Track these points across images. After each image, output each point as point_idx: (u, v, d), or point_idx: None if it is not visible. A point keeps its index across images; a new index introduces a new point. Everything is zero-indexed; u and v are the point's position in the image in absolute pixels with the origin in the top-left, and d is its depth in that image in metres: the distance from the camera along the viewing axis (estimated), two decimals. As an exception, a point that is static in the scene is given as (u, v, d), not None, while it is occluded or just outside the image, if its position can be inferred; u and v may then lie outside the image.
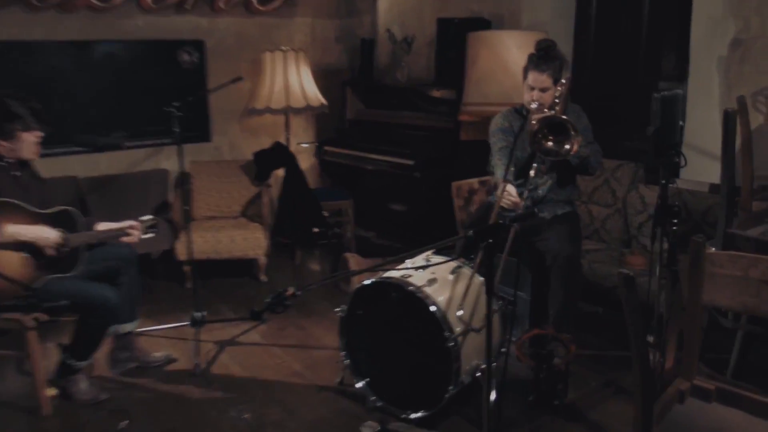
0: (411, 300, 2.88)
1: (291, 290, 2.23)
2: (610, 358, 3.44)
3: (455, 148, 4.56)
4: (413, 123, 4.95)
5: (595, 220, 4.14)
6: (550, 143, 2.98)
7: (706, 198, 3.65)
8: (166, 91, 4.87)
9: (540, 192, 3.39)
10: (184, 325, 3.77)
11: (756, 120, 3.53)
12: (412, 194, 4.94)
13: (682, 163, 2.49)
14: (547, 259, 3.28)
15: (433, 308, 2.81)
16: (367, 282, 3.00)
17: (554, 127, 2.98)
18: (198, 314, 3.59)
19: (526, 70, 3.23)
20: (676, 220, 2.49)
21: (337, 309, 3.11)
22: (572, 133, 2.92)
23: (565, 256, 3.21)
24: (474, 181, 4.13)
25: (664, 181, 2.50)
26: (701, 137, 3.80)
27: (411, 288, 2.88)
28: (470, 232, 2.15)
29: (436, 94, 4.72)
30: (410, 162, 4.61)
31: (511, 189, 3.15)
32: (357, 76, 5.61)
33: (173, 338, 3.81)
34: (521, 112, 3.42)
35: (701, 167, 3.74)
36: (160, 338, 3.82)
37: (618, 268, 3.60)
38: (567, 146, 2.95)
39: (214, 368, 3.48)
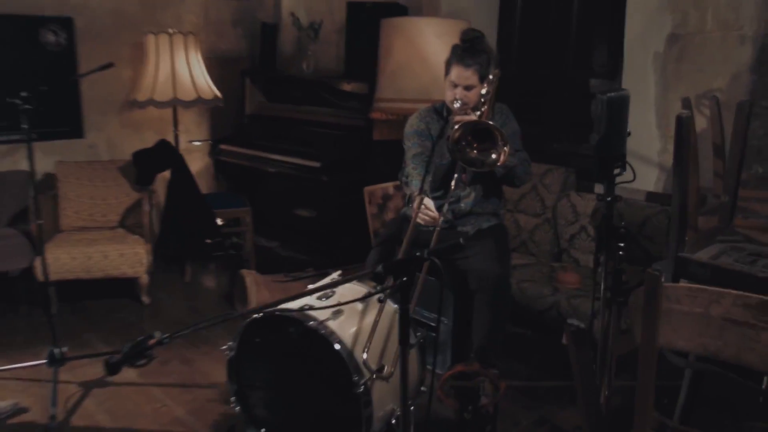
0: (312, 337, 2.50)
1: (156, 337, 1.82)
2: (542, 390, 3.18)
3: (367, 149, 4.38)
4: (321, 119, 4.76)
5: (522, 231, 3.91)
6: (474, 152, 2.73)
7: (643, 208, 3.46)
8: (27, 78, 4.29)
9: (462, 206, 3.09)
10: (39, 364, 3.23)
11: (697, 124, 3.37)
12: (320, 200, 4.70)
13: (631, 177, 2.21)
14: (471, 281, 2.98)
15: (338, 346, 2.45)
16: (258, 316, 2.59)
17: (479, 134, 2.72)
18: (57, 350, 3.07)
19: (448, 64, 2.95)
20: (622, 244, 2.20)
21: (224, 347, 2.68)
22: (500, 141, 2.67)
23: (492, 277, 2.92)
24: (388, 186, 3.94)
25: (609, 199, 2.21)
26: (635, 140, 3.61)
27: (312, 323, 2.49)
28: (379, 268, 1.82)
29: (346, 87, 4.52)
30: (317, 164, 4.37)
31: (428, 203, 2.84)
32: (257, 66, 5.36)
33: (26, 380, 3.27)
34: (441, 112, 3.14)
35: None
36: (9, 381, 3.26)
37: (550, 287, 3.34)
38: (493, 156, 2.70)
39: (74, 419, 2.97)
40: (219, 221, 4.52)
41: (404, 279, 1.83)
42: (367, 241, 3.82)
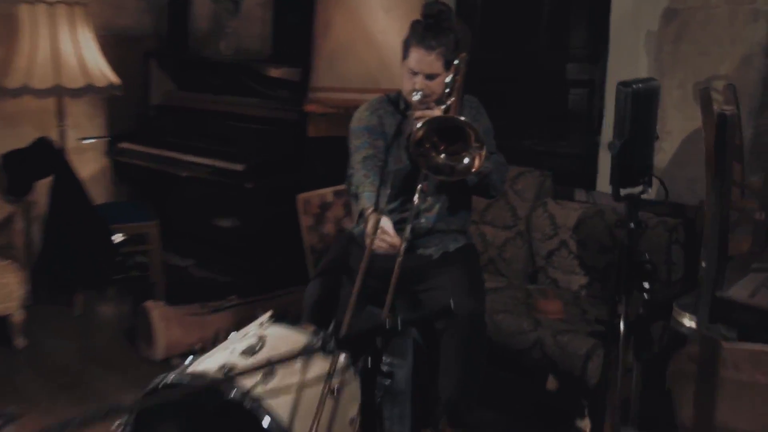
0: (235, 411, 1.97)
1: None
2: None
3: (301, 148, 4.02)
4: (244, 112, 4.37)
5: (489, 247, 3.48)
6: (441, 157, 2.32)
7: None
8: None
9: (423, 221, 2.63)
10: None
11: (699, 117, 2.99)
12: (244, 209, 4.32)
13: (661, 194, 1.75)
14: (437, 319, 2.50)
15: (267, 421, 1.94)
16: (167, 381, 2.05)
17: (447, 133, 2.30)
18: None
19: (406, 46, 2.51)
20: (648, 284, 1.75)
21: (114, 427, 2.11)
22: (474, 142, 2.27)
23: (463, 314, 2.45)
24: (327, 192, 3.60)
25: (633, 225, 1.74)
26: None
27: (235, 394, 1.96)
28: (330, 329, 1.58)
29: (274, 73, 4.22)
30: (240, 166, 3.96)
31: (386, 226, 2.37)
32: (165, 46, 4.91)
33: None
34: (397, 103, 2.69)
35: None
36: None
37: (530, 319, 2.89)
38: (466, 161, 2.30)
39: None
40: (118, 238, 3.98)
41: (367, 358, 1.31)
42: (301, 258, 3.51)
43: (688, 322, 1.95)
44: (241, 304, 3.59)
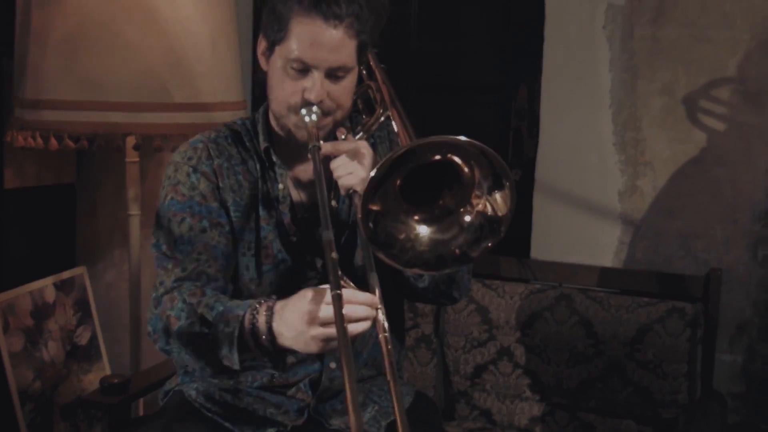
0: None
1: None
2: None
3: None
4: None
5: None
6: (416, 220, 1.31)
7: (632, 308, 2.08)
8: None
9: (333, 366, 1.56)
10: None
11: (697, 140, 2.13)
12: None
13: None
14: None
15: None
16: None
17: (424, 173, 1.28)
18: None
19: (279, 19, 1.42)
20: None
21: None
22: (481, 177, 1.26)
23: None
24: (45, 286, 2.55)
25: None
26: (572, 172, 2.32)
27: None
28: None
29: None
30: None
31: (354, 296, 1.25)
32: None
33: None
34: (247, 143, 1.57)
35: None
36: None
37: None
38: (471, 218, 1.30)
39: None
40: None
41: None
42: (10, 418, 2.36)
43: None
44: None
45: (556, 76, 2.29)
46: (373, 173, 1.18)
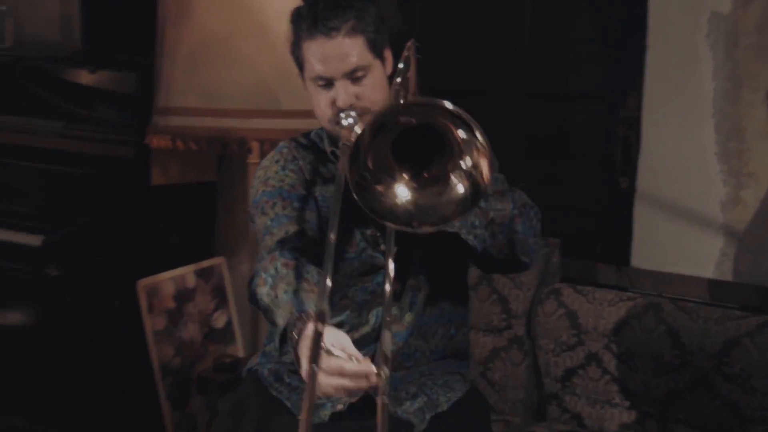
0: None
1: None
2: None
3: (140, 204, 3.12)
4: (36, 144, 3.39)
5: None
6: (401, 191, 1.41)
7: (721, 320, 2.15)
8: None
9: (390, 341, 1.59)
10: None
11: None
12: (44, 308, 3.26)
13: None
14: None
15: None
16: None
17: (412, 141, 1.40)
18: None
19: (296, 47, 1.74)
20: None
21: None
22: (465, 146, 1.34)
23: None
24: (186, 274, 2.91)
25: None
26: (675, 181, 2.43)
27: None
28: None
29: (87, 79, 3.31)
30: (35, 240, 3.02)
31: (339, 339, 1.39)
32: None
33: None
34: (318, 146, 1.86)
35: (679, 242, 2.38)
36: None
37: None
38: (459, 187, 1.38)
39: None
40: None
41: None
42: (147, 386, 2.76)
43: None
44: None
45: (658, 85, 2.41)
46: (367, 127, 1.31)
